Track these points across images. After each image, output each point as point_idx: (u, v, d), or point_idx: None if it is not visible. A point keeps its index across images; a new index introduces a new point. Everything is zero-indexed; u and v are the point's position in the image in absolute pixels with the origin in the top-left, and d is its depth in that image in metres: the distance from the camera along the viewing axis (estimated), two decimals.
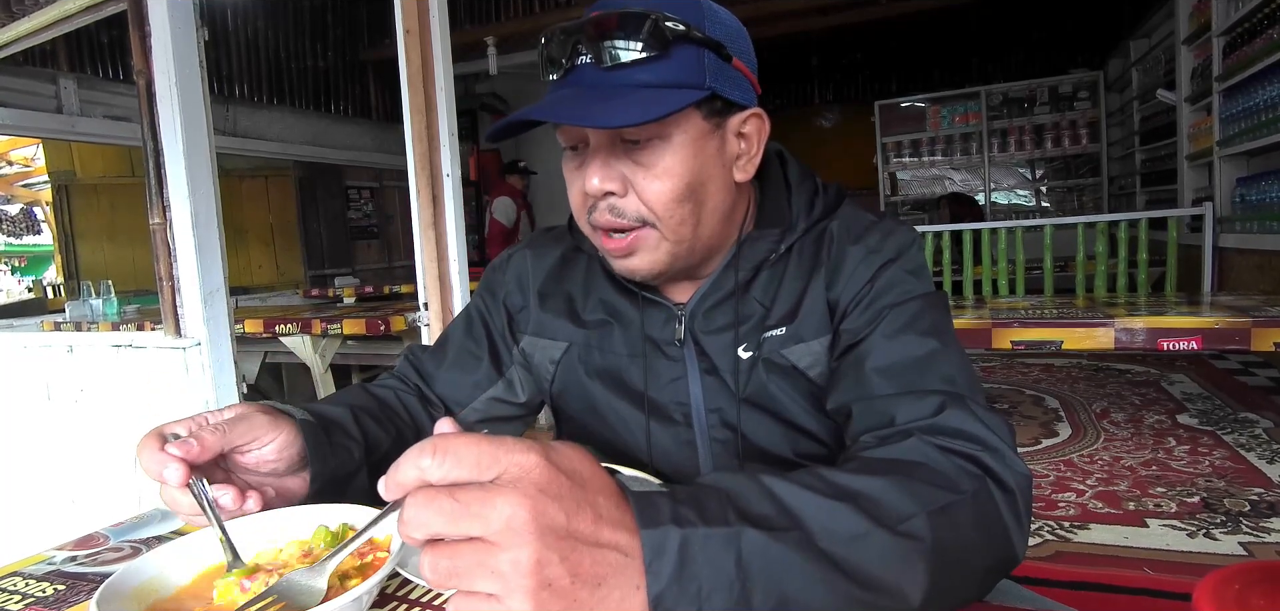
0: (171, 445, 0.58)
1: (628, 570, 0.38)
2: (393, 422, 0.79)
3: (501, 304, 0.87)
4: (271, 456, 0.64)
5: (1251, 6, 3.39)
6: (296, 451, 0.65)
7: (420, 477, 0.37)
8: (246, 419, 0.63)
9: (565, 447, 0.40)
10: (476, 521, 0.36)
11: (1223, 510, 2.11)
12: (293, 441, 0.65)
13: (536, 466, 0.37)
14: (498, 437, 0.37)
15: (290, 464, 0.65)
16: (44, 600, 0.61)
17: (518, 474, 0.37)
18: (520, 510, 0.36)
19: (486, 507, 0.36)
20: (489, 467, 0.36)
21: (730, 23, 0.68)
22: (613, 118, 0.61)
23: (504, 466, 0.37)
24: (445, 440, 0.37)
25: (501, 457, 0.37)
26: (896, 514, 0.47)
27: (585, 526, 0.38)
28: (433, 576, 0.37)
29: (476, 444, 0.37)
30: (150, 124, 1.96)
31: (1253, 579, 0.42)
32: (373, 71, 6.52)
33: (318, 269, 6.20)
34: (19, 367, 2.41)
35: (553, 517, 0.36)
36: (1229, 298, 2.86)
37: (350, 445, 0.71)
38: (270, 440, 0.64)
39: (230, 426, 0.62)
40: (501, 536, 0.35)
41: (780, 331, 0.72)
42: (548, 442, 0.39)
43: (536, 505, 0.36)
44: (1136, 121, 5.67)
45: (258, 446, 0.63)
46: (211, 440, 0.60)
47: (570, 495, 0.38)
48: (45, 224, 9.50)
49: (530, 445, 0.37)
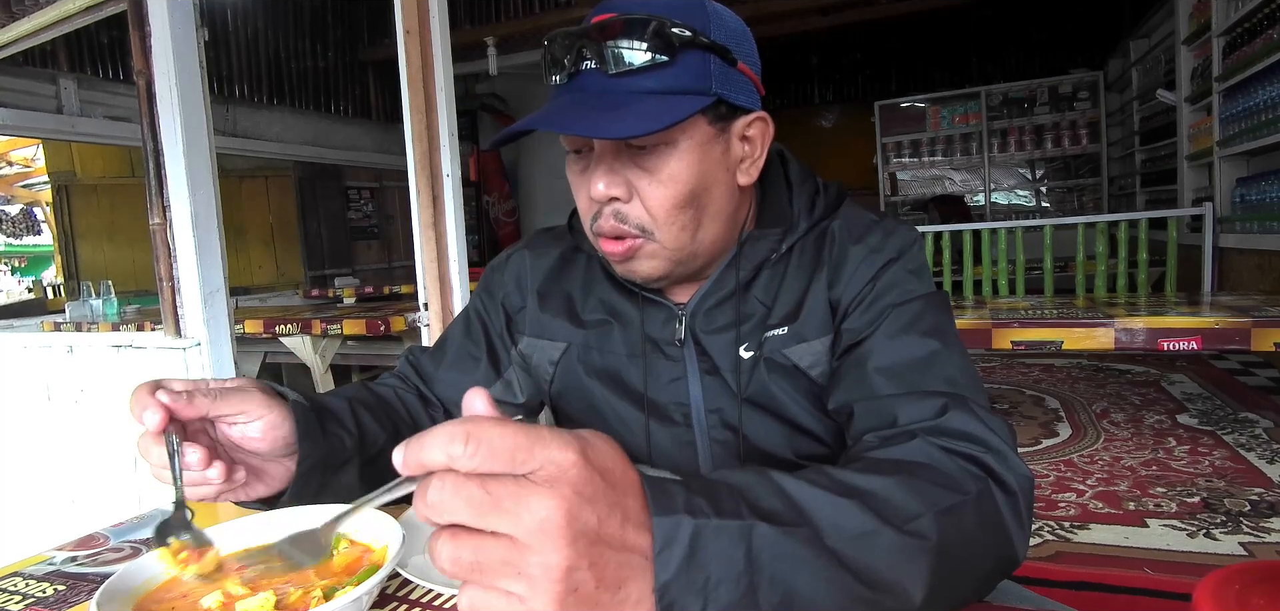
0: (161, 392, 0.58)
1: (648, 572, 0.38)
2: (391, 419, 0.78)
3: (500, 304, 0.87)
4: (256, 434, 0.63)
5: (1251, 6, 3.39)
6: (283, 434, 0.64)
7: (448, 462, 0.34)
8: (242, 392, 0.63)
9: (599, 442, 0.38)
10: (507, 518, 0.34)
11: (1223, 510, 2.11)
12: (282, 423, 0.64)
13: (574, 465, 0.35)
14: (534, 428, 0.35)
15: (274, 447, 0.64)
16: (44, 600, 0.61)
17: (555, 472, 0.35)
18: (556, 513, 0.34)
19: (520, 506, 0.34)
20: (524, 461, 0.34)
21: (735, 25, 0.68)
22: (620, 129, 0.61)
23: (540, 462, 0.35)
24: (479, 426, 0.34)
25: (538, 452, 0.35)
26: (904, 513, 0.47)
27: (614, 529, 0.37)
28: (451, 567, 0.35)
29: (513, 434, 0.34)
30: (150, 124, 1.96)
31: (1253, 579, 0.42)
32: (373, 71, 6.52)
33: (318, 269, 6.19)
34: (19, 368, 2.41)
35: (586, 522, 0.35)
36: (1229, 298, 2.86)
37: (343, 435, 0.70)
38: (259, 418, 0.63)
39: (224, 394, 0.61)
40: (533, 538, 0.34)
41: (782, 331, 0.72)
42: (583, 436, 0.37)
43: (572, 508, 0.35)
44: (1136, 121, 5.67)
45: (246, 421, 0.63)
46: (201, 401, 0.60)
47: (604, 498, 0.36)
48: (45, 224, 9.50)
49: (567, 439, 0.36)
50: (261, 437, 0.63)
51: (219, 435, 0.63)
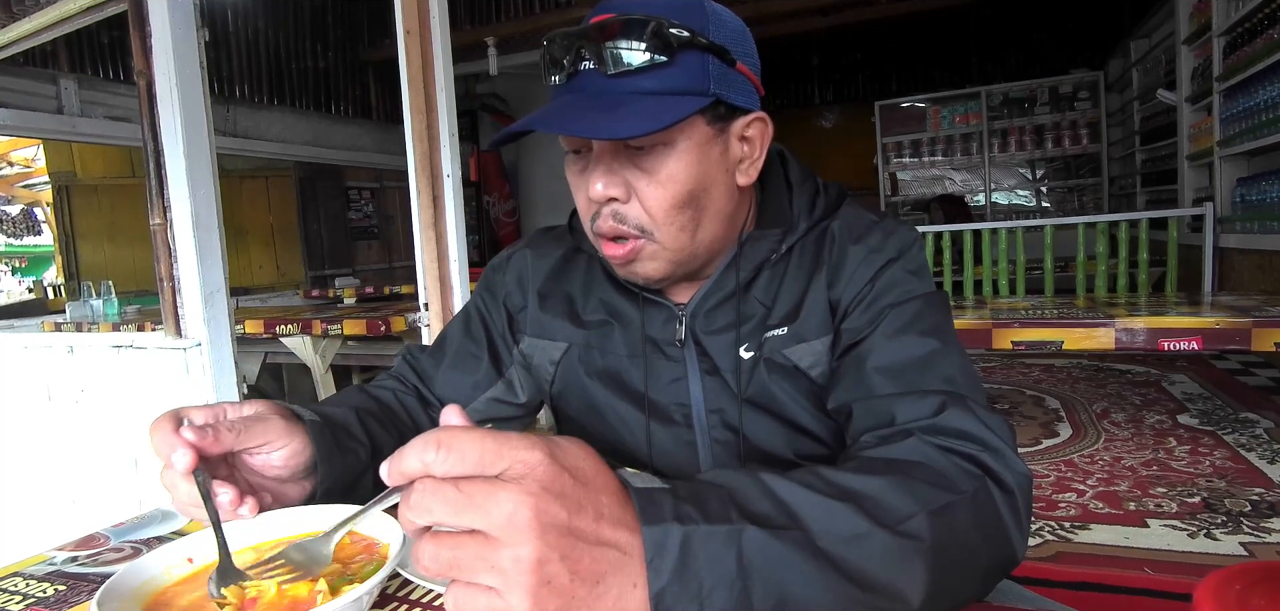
0: (187, 429, 0.58)
1: (626, 567, 0.39)
2: (395, 425, 0.79)
3: (501, 304, 0.87)
4: (278, 463, 0.64)
5: (1251, 6, 3.39)
6: (303, 460, 0.65)
7: (424, 470, 0.37)
8: (263, 422, 0.63)
9: (570, 445, 0.40)
10: (479, 515, 0.36)
11: (1223, 510, 2.11)
12: (302, 450, 0.65)
13: (541, 463, 0.37)
14: (502, 433, 0.38)
15: (294, 472, 0.65)
16: (44, 600, 0.61)
17: (522, 471, 0.37)
18: (523, 507, 0.36)
19: (490, 502, 0.36)
20: (493, 463, 0.37)
21: (734, 25, 0.68)
22: (618, 129, 0.61)
23: (508, 463, 0.37)
24: (450, 434, 0.37)
25: (506, 454, 0.37)
26: (896, 514, 0.47)
27: (587, 524, 0.38)
28: (432, 565, 0.37)
29: (481, 439, 0.37)
30: (151, 124, 1.96)
31: (1254, 579, 0.42)
32: (373, 72, 6.52)
33: (318, 269, 6.19)
34: (19, 368, 2.41)
35: (555, 515, 0.37)
36: (1229, 298, 2.86)
37: (357, 449, 0.71)
38: (281, 447, 0.63)
39: (246, 426, 0.61)
40: (504, 532, 0.36)
41: (782, 331, 0.72)
42: (552, 439, 0.39)
43: (539, 503, 0.36)
44: (1137, 121, 5.67)
45: (268, 451, 0.63)
46: (226, 438, 0.60)
47: (573, 493, 0.38)
48: (46, 224, 9.50)
49: (535, 441, 0.38)
50: (282, 465, 0.64)
51: (237, 462, 0.64)
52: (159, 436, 0.58)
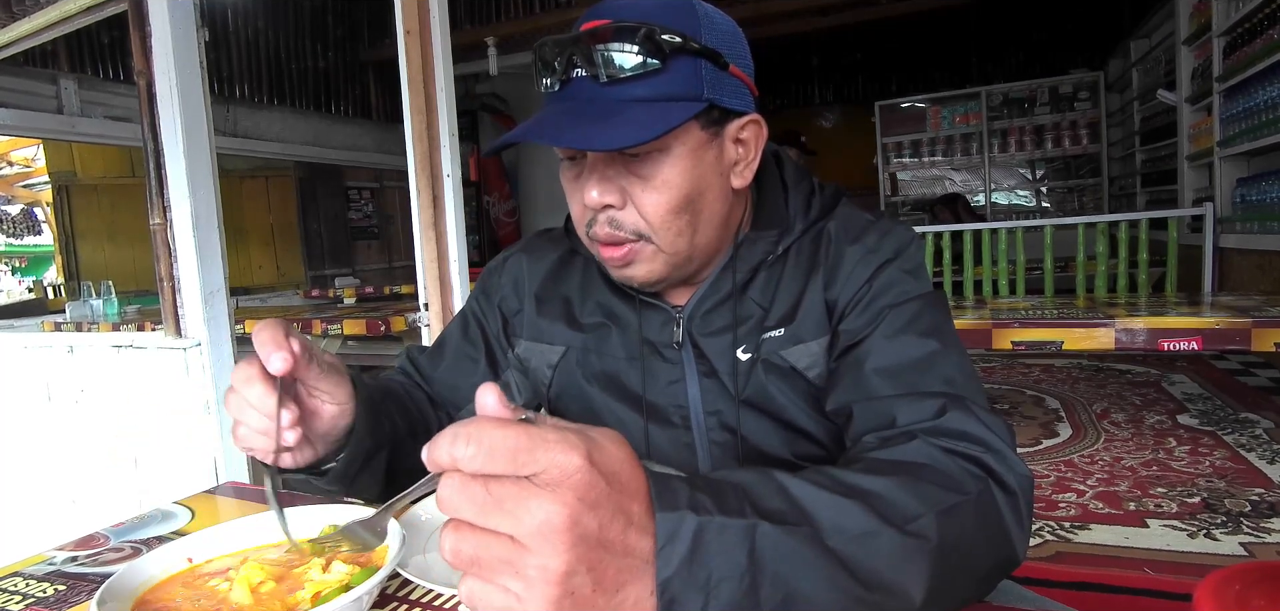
0: (294, 339, 0.61)
1: (647, 576, 0.38)
2: (407, 416, 0.80)
3: (496, 307, 0.87)
4: (326, 416, 0.67)
5: (1251, 6, 3.39)
6: (342, 425, 0.68)
7: (453, 464, 0.34)
8: (338, 375, 0.67)
9: (608, 443, 0.37)
10: (509, 519, 0.34)
11: (1223, 510, 2.11)
12: (346, 416, 0.68)
13: (578, 470, 0.35)
14: (537, 430, 0.35)
15: (329, 430, 0.67)
16: (44, 600, 0.61)
17: (558, 476, 0.34)
18: (557, 518, 0.34)
19: (521, 508, 0.34)
20: (526, 463, 0.34)
21: (726, 27, 0.68)
22: (612, 140, 0.61)
23: (543, 465, 0.34)
24: (482, 428, 0.34)
25: (540, 455, 0.34)
26: (905, 513, 0.47)
27: (616, 534, 0.36)
28: (452, 558, 0.35)
29: (515, 436, 0.34)
30: (150, 124, 1.96)
31: (1253, 579, 0.42)
32: (373, 72, 6.52)
33: (318, 269, 6.20)
34: (19, 368, 2.41)
35: (588, 527, 0.35)
36: (1229, 298, 2.86)
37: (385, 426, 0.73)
38: (338, 405, 0.67)
39: (328, 370, 0.65)
40: (533, 540, 0.34)
41: (779, 332, 0.72)
42: (590, 437, 0.37)
43: (574, 513, 0.34)
44: (1137, 122, 5.67)
45: (329, 401, 0.66)
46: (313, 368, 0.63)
47: (608, 503, 0.36)
48: (45, 224, 9.49)
49: (573, 442, 0.35)
50: (327, 420, 0.67)
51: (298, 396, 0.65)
52: (268, 334, 0.60)
